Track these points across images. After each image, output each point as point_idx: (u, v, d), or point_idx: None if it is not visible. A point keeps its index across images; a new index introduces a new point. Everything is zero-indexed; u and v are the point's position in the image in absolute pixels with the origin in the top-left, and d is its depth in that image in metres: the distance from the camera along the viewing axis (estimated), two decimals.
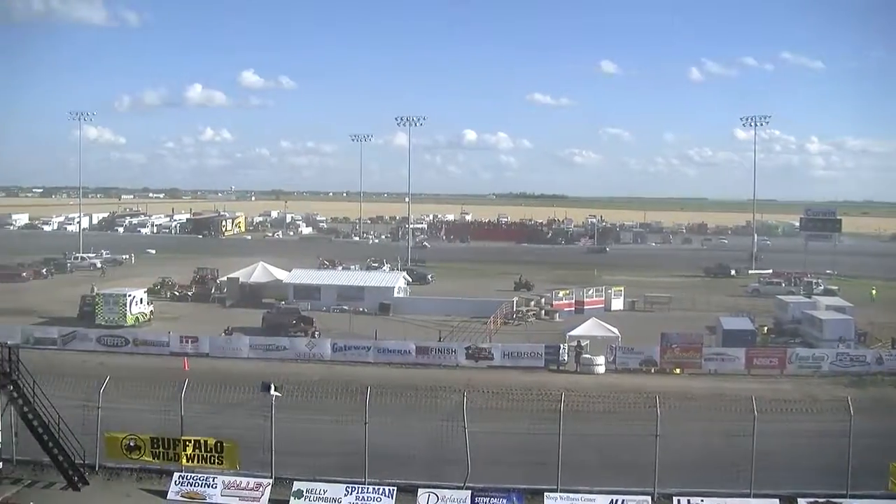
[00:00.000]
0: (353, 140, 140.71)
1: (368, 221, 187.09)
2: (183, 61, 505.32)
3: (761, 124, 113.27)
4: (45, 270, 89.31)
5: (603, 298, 71.30)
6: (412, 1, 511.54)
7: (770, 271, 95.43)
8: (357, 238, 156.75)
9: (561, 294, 70.47)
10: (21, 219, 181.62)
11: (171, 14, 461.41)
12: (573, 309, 68.15)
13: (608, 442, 29.32)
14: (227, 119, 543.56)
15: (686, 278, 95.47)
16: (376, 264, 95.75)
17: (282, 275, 72.92)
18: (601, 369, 47.87)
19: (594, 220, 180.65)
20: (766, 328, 57.68)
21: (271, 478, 27.54)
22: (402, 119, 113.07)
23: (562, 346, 49.27)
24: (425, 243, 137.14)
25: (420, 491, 26.62)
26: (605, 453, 29.41)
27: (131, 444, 28.97)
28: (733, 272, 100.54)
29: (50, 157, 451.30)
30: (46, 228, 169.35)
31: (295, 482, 27.17)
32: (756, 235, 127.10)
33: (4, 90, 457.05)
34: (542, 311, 67.26)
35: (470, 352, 49.40)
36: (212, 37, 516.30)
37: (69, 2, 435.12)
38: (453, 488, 26.75)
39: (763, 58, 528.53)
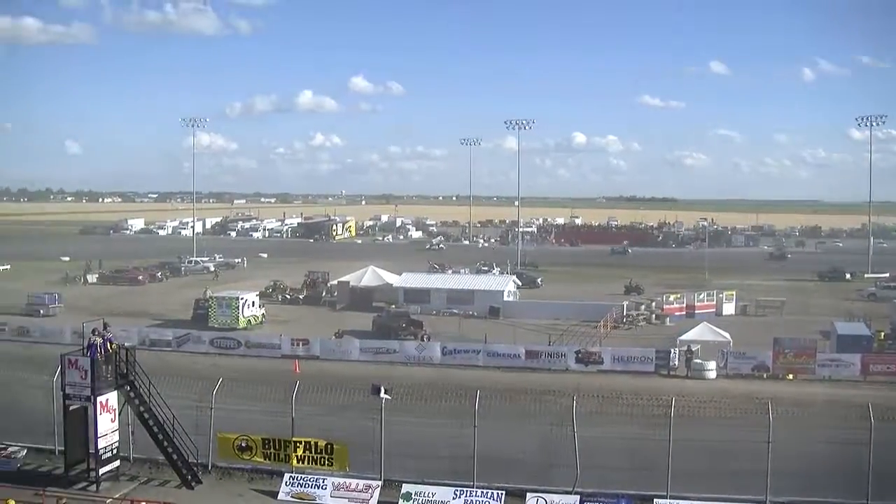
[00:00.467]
0: (462, 144, 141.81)
1: (478, 225, 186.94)
2: (293, 68, 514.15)
3: (877, 124, 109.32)
4: (160, 274, 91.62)
5: (714, 302, 69.77)
6: (521, 5, 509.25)
7: (887, 275, 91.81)
8: (466, 242, 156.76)
9: (672, 298, 69.25)
10: (137, 224, 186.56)
11: (281, 22, 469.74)
12: (684, 313, 66.81)
13: (719, 448, 28.49)
14: (337, 124, 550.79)
15: (799, 282, 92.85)
16: (486, 268, 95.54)
17: (392, 278, 73.31)
18: (712, 374, 46.78)
19: (705, 223, 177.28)
20: (882, 333, 55.32)
21: (380, 480, 27.53)
22: (511, 122, 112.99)
23: (672, 350, 48.36)
24: (533, 246, 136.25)
25: (528, 495, 26.26)
26: (715, 460, 28.55)
27: (243, 444, 29.29)
28: (848, 276, 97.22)
29: (164, 164, 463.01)
30: (161, 233, 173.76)
31: (404, 484, 27.08)
32: (872, 238, 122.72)
33: (122, 99, 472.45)
34: (653, 316, 66.09)
35: (580, 356, 48.82)
36: (322, 44, 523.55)
37: (184, 13, 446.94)
38: (562, 493, 26.31)
39: (879, 56, 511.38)
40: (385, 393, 28.70)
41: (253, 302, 62.16)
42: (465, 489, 26.62)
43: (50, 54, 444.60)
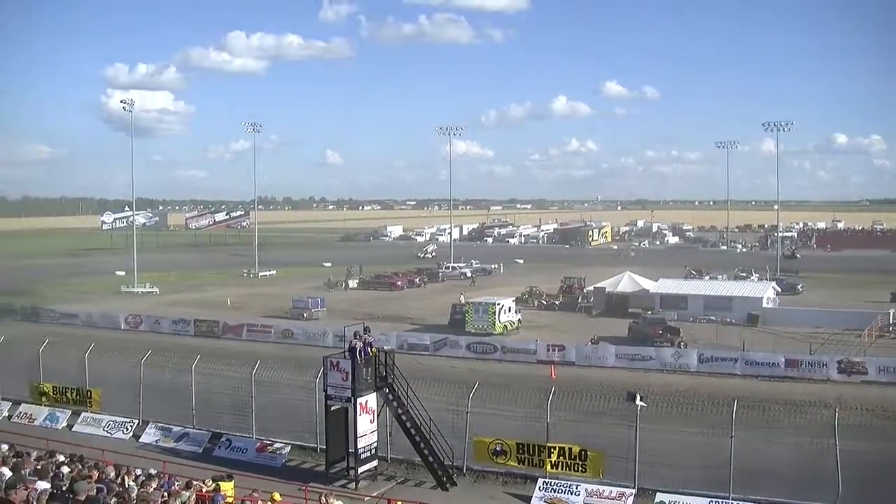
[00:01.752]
0: (718, 147, 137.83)
1: (735, 230, 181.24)
2: (546, 74, 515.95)
3: None
4: (418, 280, 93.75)
5: None
6: (776, 8, 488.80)
7: None
8: (724, 247, 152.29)
9: None
10: (395, 230, 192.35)
11: (533, 29, 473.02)
12: None
13: None
14: (592, 130, 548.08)
15: None
16: (744, 274, 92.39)
17: (648, 284, 72.21)
18: None
19: None
20: None
21: (634, 488, 27.21)
22: (768, 124, 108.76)
23: None
24: (795, 253, 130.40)
25: None
26: None
27: (497, 448, 29.67)
28: None
29: (422, 172, 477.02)
30: (419, 239, 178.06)
31: (658, 493, 26.65)
32: None
33: (380, 110, 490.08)
34: None
35: (842, 366, 46.24)
36: (574, 49, 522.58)
37: (438, 23, 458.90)
38: None
39: None
40: (640, 400, 28.36)
41: (509, 307, 62.69)
42: (720, 500, 25.87)
43: (311, 69, 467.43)
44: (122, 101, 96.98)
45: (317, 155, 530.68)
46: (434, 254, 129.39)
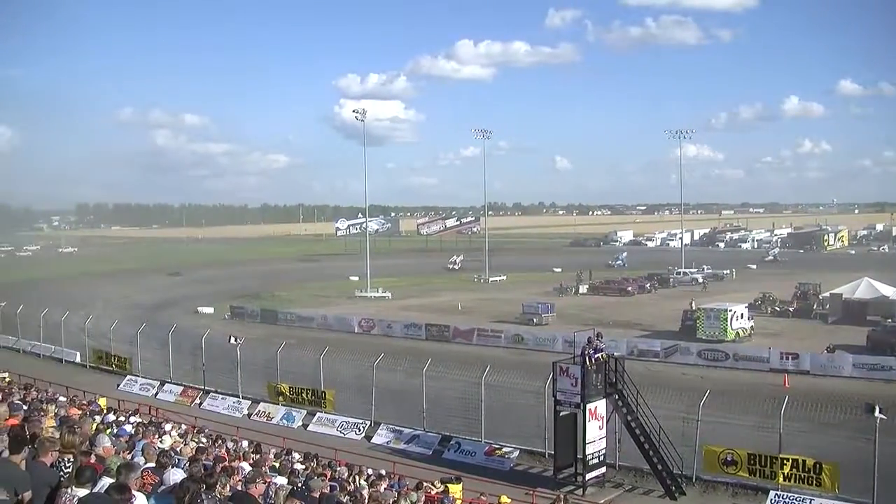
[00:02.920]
0: None
1: None
2: (777, 74, 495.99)
3: None
4: (648, 285, 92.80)
5: None
6: None
7: None
8: None
9: None
10: (625, 235, 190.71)
11: (762, 28, 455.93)
12: None
13: None
14: (826, 130, 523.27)
15: None
16: None
17: (889, 291, 68.64)
18: None
19: None
20: None
21: None
22: None
23: None
24: None
25: None
26: None
27: (728, 458, 29.10)
28: None
29: (652, 176, 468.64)
30: (650, 244, 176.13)
31: None
32: None
33: (608, 114, 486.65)
34: None
35: None
36: (805, 48, 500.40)
37: (665, 26, 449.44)
38: None
39: None
40: (880, 412, 27.09)
41: (742, 314, 61.17)
42: None
43: (538, 75, 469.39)
44: (354, 111, 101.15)
45: (546, 160, 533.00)
46: (460, 265, 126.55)
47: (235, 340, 46.73)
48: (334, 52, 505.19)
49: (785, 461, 27.89)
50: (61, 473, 10.46)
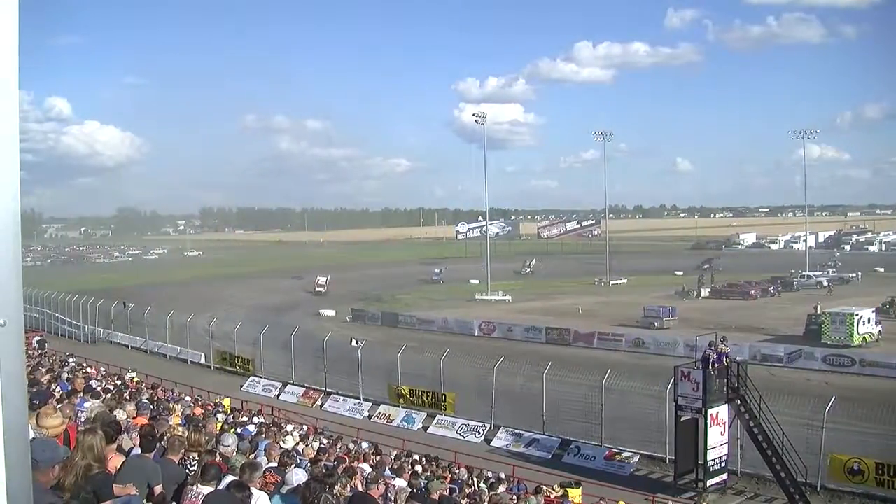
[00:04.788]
0: None
1: None
2: None
3: None
4: (772, 288, 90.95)
5: None
6: None
7: None
8: None
9: None
10: (748, 238, 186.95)
11: (888, 24, 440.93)
12: None
13: None
14: None
15: None
16: None
17: None
18: None
19: None
20: None
21: None
22: None
23: None
24: None
25: None
26: None
27: (855, 467, 28.55)
28: None
29: (775, 177, 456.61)
30: (773, 247, 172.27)
31: None
32: None
33: (729, 114, 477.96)
34: None
35: None
36: None
37: (787, 23, 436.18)
38: None
39: None
40: None
41: (869, 318, 59.53)
42: None
43: (659, 76, 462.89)
44: (474, 115, 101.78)
45: (667, 162, 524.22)
46: (532, 269, 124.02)
47: (357, 343, 47.80)
48: (454, 56, 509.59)
49: None
50: (187, 471, 11.06)
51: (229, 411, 30.96)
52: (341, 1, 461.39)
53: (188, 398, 30.32)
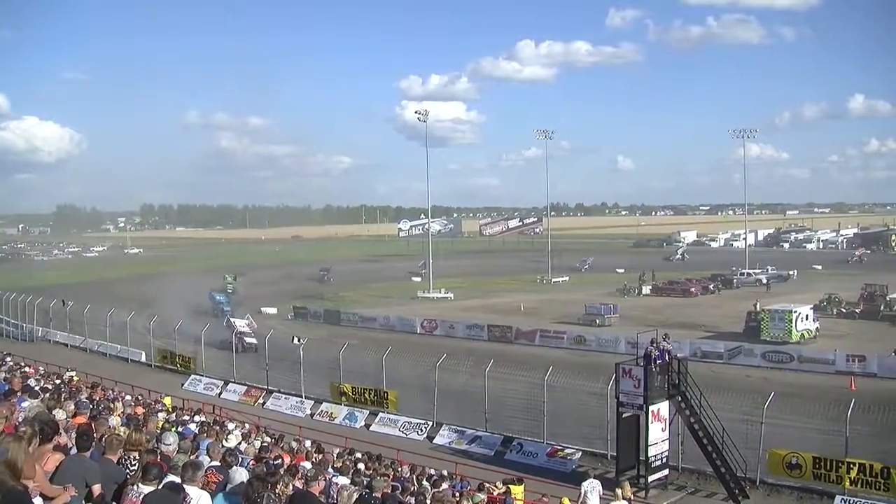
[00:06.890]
0: None
1: None
2: (842, 73, 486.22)
3: None
4: (712, 286, 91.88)
5: None
6: None
7: None
8: None
9: None
10: (689, 236, 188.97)
11: (826, 27, 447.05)
12: None
13: None
14: (894, 128, 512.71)
15: None
16: None
17: None
18: None
19: None
20: None
21: None
22: None
23: None
24: None
25: None
26: None
27: (793, 461, 28.89)
28: None
29: (715, 176, 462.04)
30: (713, 245, 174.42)
31: None
32: None
33: (669, 114, 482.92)
34: None
35: None
36: (871, 45, 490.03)
37: (726, 25, 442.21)
38: None
39: None
40: None
41: (807, 315, 60.36)
42: None
43: (600, 75, 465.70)
44: (416, 112, 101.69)
45: (608, 160, 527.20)
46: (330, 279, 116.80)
47: (299, 340, 47.43)
48: (396, 54, 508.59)
49: (851, 465, 27.63)
50: (127, 471, 10.82)
51: (170, 410, 30.52)
52: None
53: (129, 397, 29.87)
